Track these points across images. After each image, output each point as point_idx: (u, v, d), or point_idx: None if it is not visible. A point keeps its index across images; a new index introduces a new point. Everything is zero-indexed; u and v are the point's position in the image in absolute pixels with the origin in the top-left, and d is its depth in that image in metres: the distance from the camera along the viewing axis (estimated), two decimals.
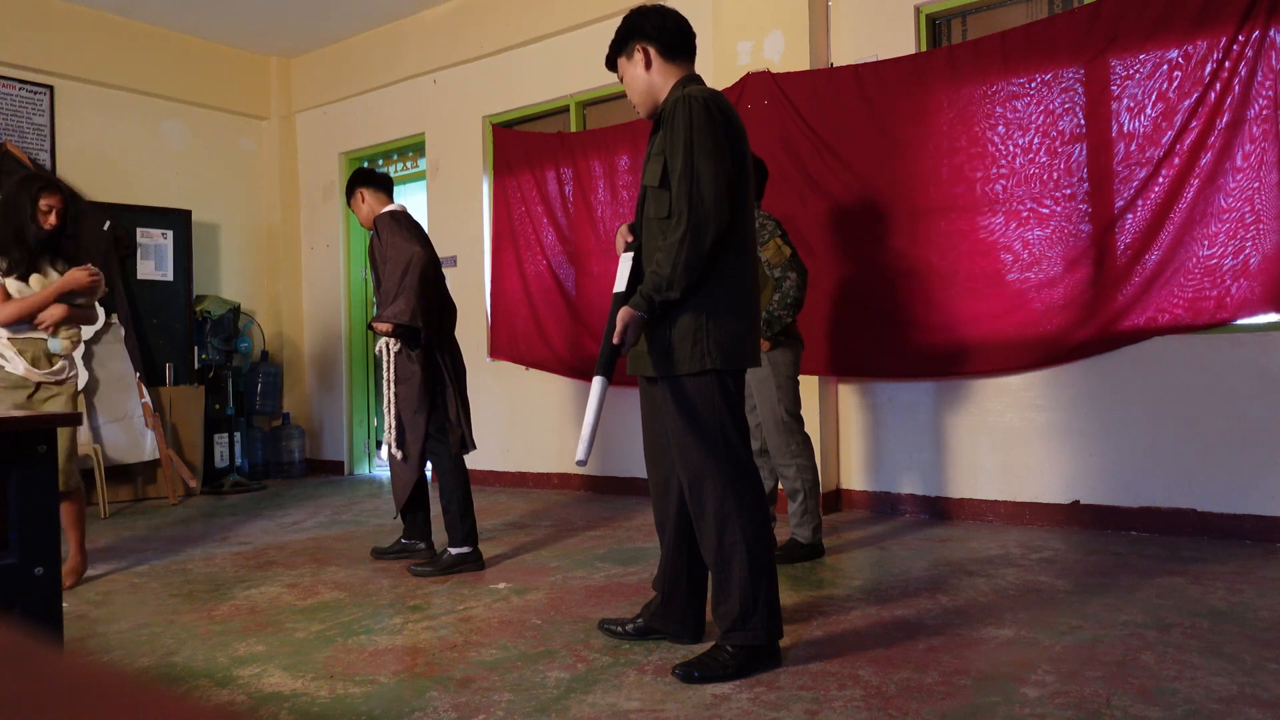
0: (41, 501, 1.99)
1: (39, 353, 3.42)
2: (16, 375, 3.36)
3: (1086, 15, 3.92)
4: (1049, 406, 4.11)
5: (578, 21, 5.67)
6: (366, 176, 3.87)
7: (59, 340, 3.45)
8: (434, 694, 2.23)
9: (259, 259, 7.39)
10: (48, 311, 3.38)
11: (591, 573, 3.50)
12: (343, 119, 7.12)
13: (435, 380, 3.67)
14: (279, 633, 2.82)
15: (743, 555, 2.32)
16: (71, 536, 3.55)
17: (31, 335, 3.41)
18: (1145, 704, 2.01)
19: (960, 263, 4.21)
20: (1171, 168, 3.74)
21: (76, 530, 3.57)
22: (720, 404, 2.35)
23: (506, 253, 6.02)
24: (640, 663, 2.43)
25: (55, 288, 3.37)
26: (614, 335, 2.30)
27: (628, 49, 2.52)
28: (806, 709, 2.06)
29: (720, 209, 2.27)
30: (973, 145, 4.19)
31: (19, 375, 3.36)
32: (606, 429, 5.25)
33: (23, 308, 3.35)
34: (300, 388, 7.37)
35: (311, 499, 5.84)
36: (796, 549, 3.55)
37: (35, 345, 3.41)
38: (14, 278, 3.38)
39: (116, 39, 6.38)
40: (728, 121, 2.34)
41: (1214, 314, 3.68)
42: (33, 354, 3.40)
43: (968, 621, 2.68)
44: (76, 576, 3.57)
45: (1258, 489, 3.64)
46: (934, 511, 4.41)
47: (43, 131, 6.00)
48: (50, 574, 2.00)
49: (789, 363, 3.58)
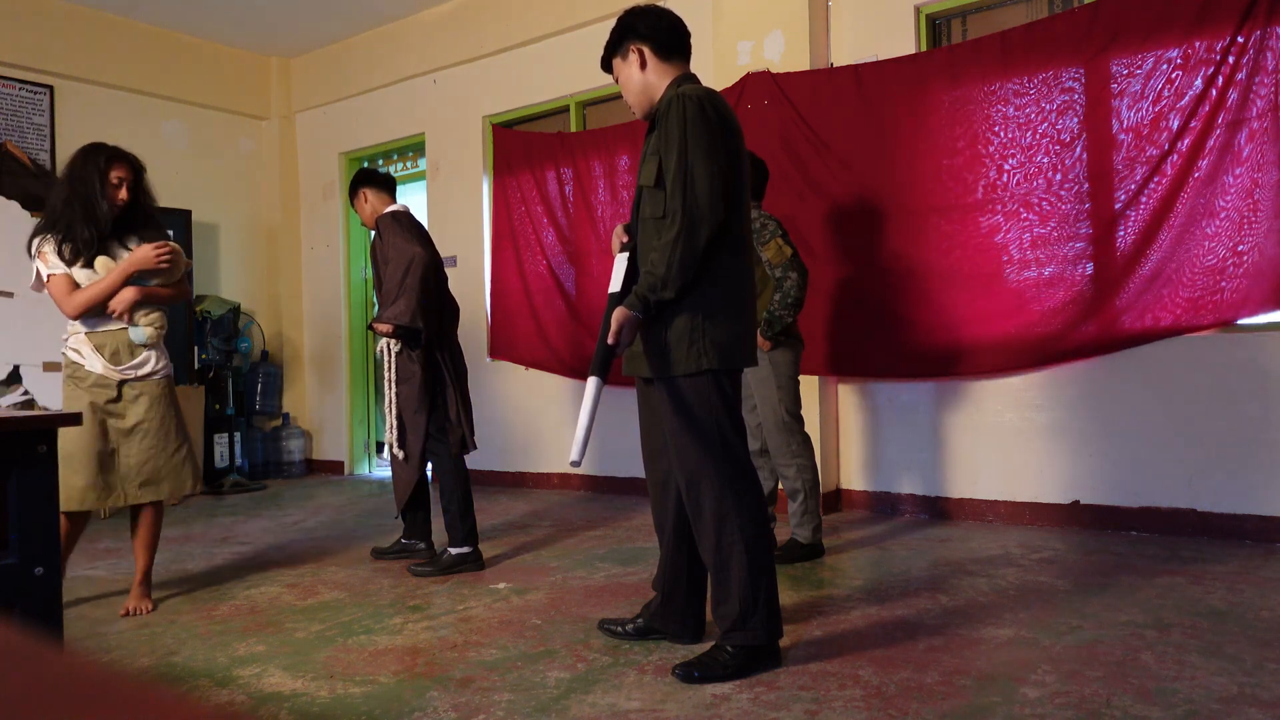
0: (41, 501, 2.00)
1: (120, 345, 3.05)
2: (95, 373, 3.01)
3: (1086, 15, 3.92)
4: (1049, 406, 4.11)
5: (578, 21, 5.67)
6: (369, 176, 3.87)
7: (141, 328, 3.08)
8: (434, 694, 2.23)
9: (259, 259, 7.39)
10: (118, 297, 3.02)
11: (591, 573, 3.50)
12: (343, 119, 7.12)
13: (436, 380, 3.67)
14: (279, 633, 2.82)
15: (741, 555, 2.31)
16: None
17: (110, 327, 3.05)
18: (1145, 704, 2.01)
19: (960, 263, 4.21)
20: (1171, 167, 3.74)
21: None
22: (717, 404, 2.34)
23: (506, 253, 6.02)
24: (640, 663, 2.43)
25: (121, 269, 3.01)
26: (609, 336, 2.30)
27: (622, 49, 2.51)
28: (806, 709, 2.06)
29: (715, 208, 2.26)
30: (973, 145, 4.19)
31: (98, 373, 3.01)
32: (606, 429, 5.25)
33: (91, 295, 2.98)
34: (300, 388, 7.37)
35: (311, 499, 5.84)
36: (796, 549, 3.55)
37: (116, 337, 3.05)
38: (79, 264, 3.01)
39: (116, 39, 6.38)
40: (722, 120, 2.33)
41: (1214, 314, 3.68)
42: (112, 348, 3.04)
43: (968, 621, 2.68)
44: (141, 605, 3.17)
45: (1258, 489, 3.64)
46: (934, 511, 4.41)
47: (43, 131, 6.00)
48: (50, 574, 2.00)
49: (790, 363, 3.57)
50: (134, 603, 3.13)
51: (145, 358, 3.10)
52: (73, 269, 3.01)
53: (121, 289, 3.03)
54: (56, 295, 3.00)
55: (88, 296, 2.98)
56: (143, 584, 3.18)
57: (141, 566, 3.18)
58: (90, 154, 3.05)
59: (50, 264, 3.00)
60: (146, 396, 3.08)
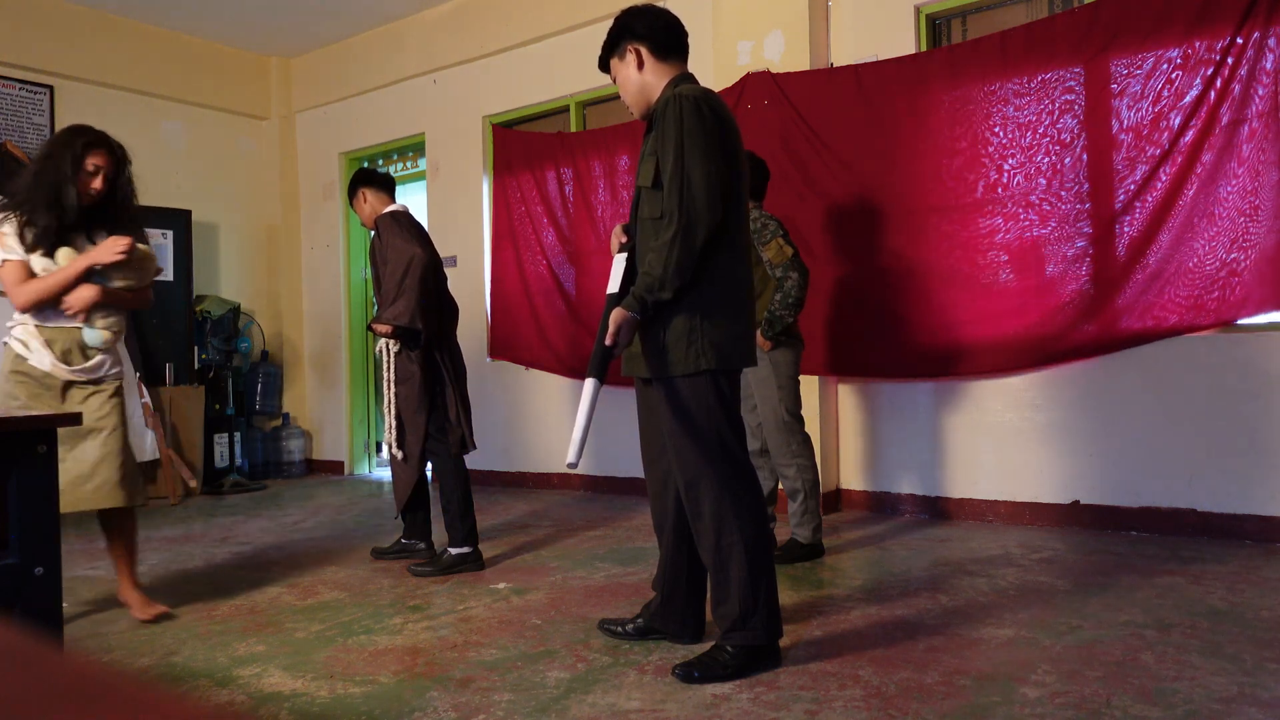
0: (41, 501, 2.00)
1: (72, 344, 2.84)
2: (41, 370, 2.79)
3: (1086, 15, 3.92)
4: (1049, 406, 4.10)
5: (578, 21, 5.67)
6: (369, 176, 3.87)
7: (96, 330, 2.86)
8: (434, 694, 2.23)
9: (259, 259, 7.39)
10: (75, 294, 2.78)
11: (591, 573, 3.50)
12: (343, 119, 7.12)
13: (435, 380, 3.67)
14: (279, 633, 2.82)
15: (741, 555, 2.31)
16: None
17: (63, 324, 2.83)
18: (1145, 704, 2.01)
19: (960, 263, 4.21)
20: (1171, 167, 3.74)
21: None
22: (715, 405, 2.34)
23: (506, 253, 6.02)
24: (640, 663, 2.43)
25: (78, 264, 2.77)
26: (607, 337, 2.29)
27: (619, 49, 2.51)
28: (806, 709, 2.06)
29: (712, 208, 2.26)
30: (973, 145, 4.19)
31: (44, 370, 2.79)
32: (606, 429, 5.25)
33: (44, 287, 2.75)
34: (300, 388, 7.37)
35: (311, 499, 5.84)
36: (796, 549, 3.55)
37: (68, 335, 2.84)
38: (40, 253, 2.77)
39: (116, 39, 6.38)
40: (719, 120, 2.33)
41: (1214, 314, 3.68)
42: (63, 346, 2.83)
43: (968, 621, 2.68)
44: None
45: (1258, 489, 3.64)
46: (934, 511, 4.41)
47: (42, 131, 5.99)
48: (50, 574, 2.00)
49: (790, 363, 3.58)
50: (150, 609, 2.97)
51: (98, 361, 2.89)
52: (31, 256, 2.77)
53: (80, 286, 2.79)
54: (7, 282, 2.75)
55: (41, 288, 2.75)
56: (137, 587, 3.05)
57: (127, 574, 3.03)
58: (69, 136, 2.83)
59: (7, 248, 2.76)
60: (97, 397, 2.87)
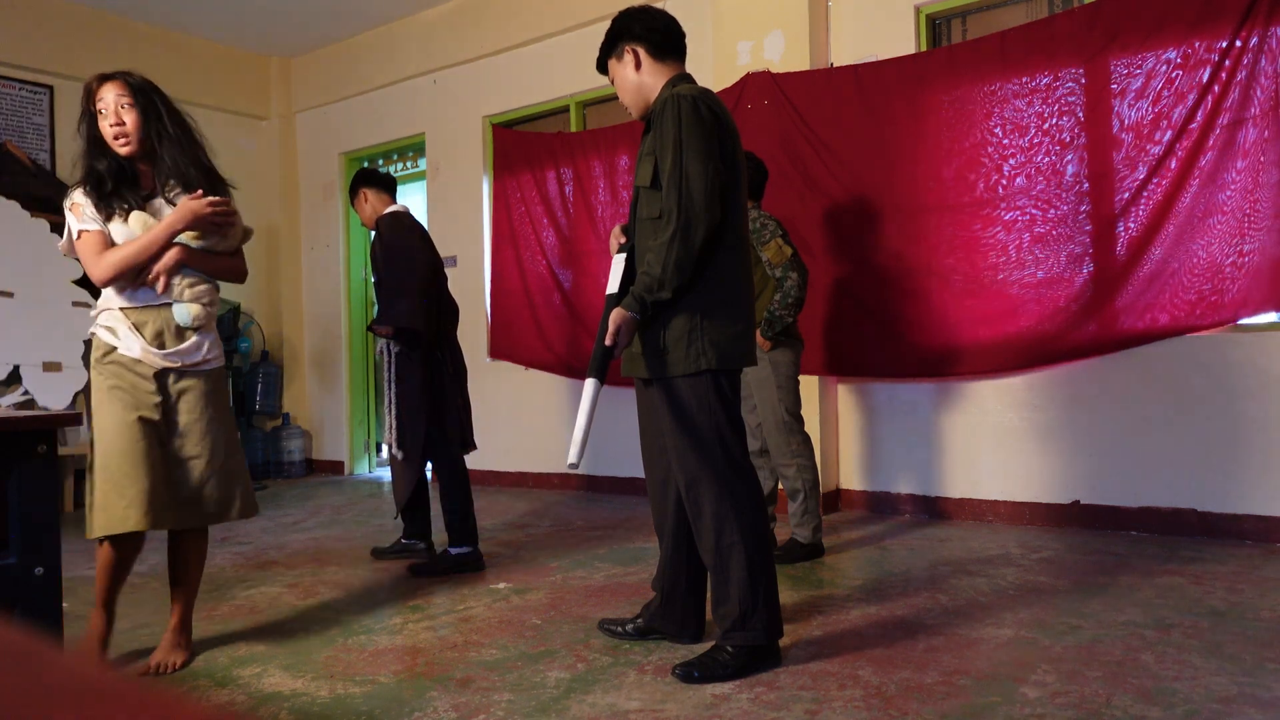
0: (42, 501, 2.00)
1: (164, 325, 2.46)
2: (131, 357, 2.42)
3: (1086, 15, 3.92)
4: (1049, 406, 4.10)
5: (578, 21, 5.67)
6: (370, 176, 3.87)
7: (186, 306, 2.47)
8: (434, 694, 2.23)
9: (259, 259, 7.38)
10: (161, 261, 2.43)
11: (591, 573, 3.50)
12: (343, 119, 7.12)
13: (435, 381, 3.67)
14: (279, 633, 2.82)
15: (741, 555, 2.31)
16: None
17: (152, 302, 2.46)
18: (1145, 704, 2.01)
19: (960, 263, 4.21)
20: (1171, 167, 3.74)
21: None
22: (715, 405, 2.34)
23: (506, 253, 6.02)
24: (640, 663, 2.43)
25: (164, 226, 2.41)
26: (606, 337, 2.30)
27: (617, 50, 2.51)
28: (806, 709, 2.06)
29: (710, 208, 2.26)
30: (973, 145, 4.19)
31: (134, 357, 2.42)
32: (606, 429, 5.25)
33: (127, 254, 2.39)
34: (300, 388, 7.37)
35: (311, 499, 5.84)
36: (796, 549, 3.55)
37: (159, 316, 2.46)
38: (117, 219, 2.43)
39: (116, 39, 6.38)
40: (717, 120, 2.33)
41: (1214, 314, 3.68)
42: (156, 327, 2.45)
43: (968, 621, 2.68)
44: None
45: (1258, 489, 3.64)
46: (933, 511, 4.41)
47: (42, 131, 6.00)
48: (50, 574, 2.00)
49: (790, 363, 3.58)
50: (163, 655, 2.52)
51: (194, 342, 2.50)
52: (111, 225, 2.43)
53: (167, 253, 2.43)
54: (86, 255, 2.42)
55: (122, 255, 2.39)
56: (180, 630, 2.58)
57: (179, 609, 2.59)
58: (85, 85, 2.47)
59: (83, 218, 2.43)
60: (193, 393, 2.49)
